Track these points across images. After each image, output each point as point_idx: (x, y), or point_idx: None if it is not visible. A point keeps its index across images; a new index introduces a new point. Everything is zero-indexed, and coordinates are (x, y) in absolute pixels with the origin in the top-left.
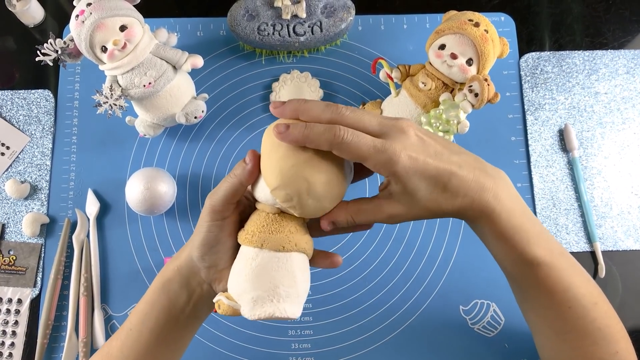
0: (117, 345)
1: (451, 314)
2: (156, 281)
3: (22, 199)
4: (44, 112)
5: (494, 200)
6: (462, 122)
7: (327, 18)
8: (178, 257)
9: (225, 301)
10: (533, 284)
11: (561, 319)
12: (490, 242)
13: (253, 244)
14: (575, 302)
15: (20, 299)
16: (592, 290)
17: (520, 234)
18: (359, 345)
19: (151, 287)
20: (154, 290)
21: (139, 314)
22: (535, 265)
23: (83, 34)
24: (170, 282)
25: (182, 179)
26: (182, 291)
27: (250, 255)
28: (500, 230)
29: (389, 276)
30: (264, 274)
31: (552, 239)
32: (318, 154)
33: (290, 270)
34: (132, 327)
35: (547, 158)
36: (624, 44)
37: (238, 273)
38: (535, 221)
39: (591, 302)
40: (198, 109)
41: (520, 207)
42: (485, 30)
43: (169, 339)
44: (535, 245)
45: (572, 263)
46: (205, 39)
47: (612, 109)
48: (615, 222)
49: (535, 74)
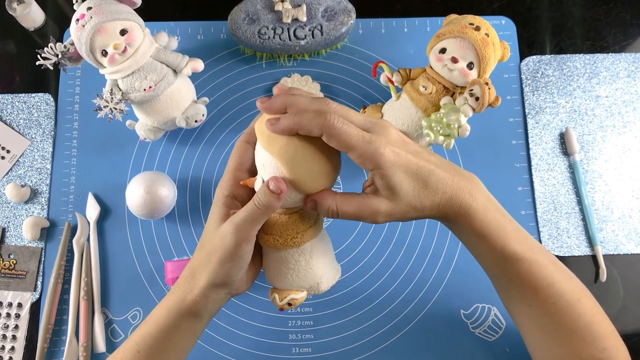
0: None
1: (452, 318)
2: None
3: (23, 203)
4: (44, 116)
5: (469, 197)
6: (463, 126)
7: (328, 22)
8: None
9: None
10: (516, 281)
11: (546, 316)
12: (470, 240)
13: (288, 247)
14: (559, 298)
15: (20, 303)
16: (575, 287)
17: (497, 230)
18: (359, 349)
19: (160, 314)
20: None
21: (150, 340)
22: (517, 261)
23: (83, 38)
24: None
25: (182, 183)
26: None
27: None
28: (479, 227)
29: (389, 280)
30: (308, 268)
31: (530, 237)
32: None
33: (324, 251)
34: (139, 350)
35: (548, 161)
36: (624, 47)
37: (284, 274)
38: (510, 219)
39: (575, 298)
40: (198, 113)
41: (494, 205)
42: (486, 34)
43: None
44: (514, 240)
45: (553, 260)
46: (206, 42)
47: (613, 112)
48: (616, 226)
49: (536, 77)
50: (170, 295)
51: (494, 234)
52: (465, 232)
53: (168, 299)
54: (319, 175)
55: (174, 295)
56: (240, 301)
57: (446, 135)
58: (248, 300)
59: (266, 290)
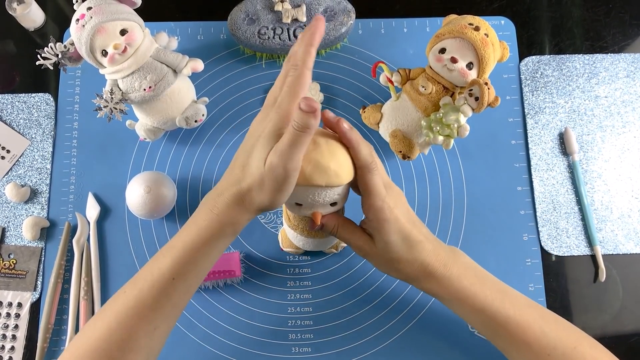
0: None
1: (451, 318)
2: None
3: (22, 203)
4: (44, 116)
5: (443, 268)
6: (462, 126)
7: (328, 22)
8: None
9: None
10: (506, 339)
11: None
12: (453, 306)
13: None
14: (553, 349)
15: (20, 303)
16: (570, 335)
17: (474, 294)
18: (358, 349)
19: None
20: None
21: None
22: (502, 319)
23: (83, 38)
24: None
25: (182, 183)
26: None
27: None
28: (454, 291)
29: (389, 280)
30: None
31: (517, 295)
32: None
33: None
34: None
35: (547, 161)
36: (624, 47)
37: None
38: (495, 281)
39: (570, 347)
40: (198, 113)
41: (474, 272)
42: (485, 34)
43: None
44: (497, 300)
45: (543, 313)
46: (206, 42)
47: (612, 112)
48: (615, 226)
49: (536, 77)
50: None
51: (471, 298)
52: (444, 299)
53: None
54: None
55: (217, 218)
56: (240, 301)
57: (445, 135)
58: (248, 300)
59: (266, 290)
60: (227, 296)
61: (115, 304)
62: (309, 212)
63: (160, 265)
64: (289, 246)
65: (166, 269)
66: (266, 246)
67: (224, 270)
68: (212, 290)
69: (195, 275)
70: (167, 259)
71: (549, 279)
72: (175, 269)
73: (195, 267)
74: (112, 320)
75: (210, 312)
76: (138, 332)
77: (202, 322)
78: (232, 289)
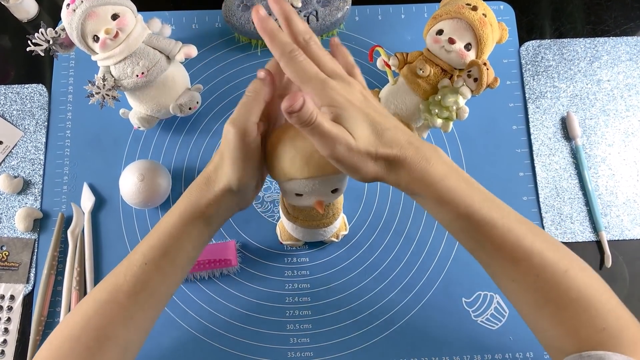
0: (128, 280)
1: (454, 307)
2: (176, 216)
3: (15, 194)
4: (37, 107)
5: (425, 162)
6: (461, 108)
7: (323, 7)
8: (203, 194)
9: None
10: (492, 253)
11: (533, 291)
12: (433, 209)
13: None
14: (542, 269)
15: (12, 295)
16: (562, 257)
17: (460, 196)
18: (359, 339)
19: (170, 222)
20: (177, 225)
21: (159, 249)
22: (488, 229)
23: (74, 22)
24: (199, 217)
25: (177, 172)
26: (208, 228)
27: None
28: (438, 194)
29: (389, 268)
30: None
31: (507, 207)
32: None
33: None
34: (147, 262)
35: (549, 146)
36: (626, 30)
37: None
38: (481, 189)
39: (561, 269)
40: (192, 100)
41: (458, 173)
42: (483, 14)
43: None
44: (482, 207)
45: (534, 229)
46: (200, 31)
47: (615, 96)
48: (621, 211)
49: (536, 62)
50: (180, 202)
51: (456, 200)
52: (427, 202)
53: (178, 206)
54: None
55: (186, 201)
56: (236, 291)
57: (444, 118)
58: (245, 290)
59: (263, 280)
60: (223, 286)
61: (96, 290)
62: (310, 202)
63: (137, 249)
64: (289, 239)
65: (139, 254)
66: (263, 235)
67: (219, 259)
68: (207, 280)
69: (169, 264)
70: (142, 244)
71: None
72: (147, 253)
73: (166, 254)
74: (89, 307)
75: (206, 303)
76: (114, 320)
77: (197, 312)
78: (228, 279)
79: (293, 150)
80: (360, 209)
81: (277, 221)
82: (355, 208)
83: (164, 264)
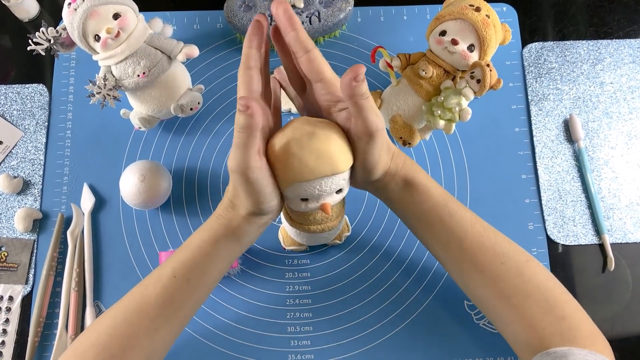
0: (157, 291)
1: (455, 309)
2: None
3: (15, 194)
4: (38, 107)
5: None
6: (464, 110)
7: (326, 8)
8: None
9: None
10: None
11: (499, 280)
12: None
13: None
14: (507, 258)
15: (11, 297)
16: (519, 250)
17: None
18: (360, 341)
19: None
20: (208, 242)
21: (190, 264)
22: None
23: (75, 21)
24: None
25: (178, 173)
26: (239, 246)
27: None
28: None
29: (390, 271)
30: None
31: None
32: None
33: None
34: (176, 275)
35: (552, 149)
36: (629, 33)
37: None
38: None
39: (522, 259)
40: (194, 101)
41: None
42: (486, 15)
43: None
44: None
45: (490, 226)
46: (202, 32)
47: (618, 98)
48: (624, 214)
49: (539, 64)
50: (212, 222)
51: (436, 193)
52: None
53: (210, 225)
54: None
55: (218, 221)
56: (236, 293)
57: (447, 120)
58: (245, 292)
59: (264, 282)
60: (224, 288)
61: (125, 299)
62: (316, 206)
63: (167, 264)
64: (292, 244)
65: (169, 267)
66: (264, 237)
67: None
68: None
69: (198, 277)
70: (174, 257)
71: (555, 268)
72: (178, 266)
73: (196, 267)
74: (118, 314)
75: (206, 304)
76: (140, 330)
77: (198, 314)
78: (228, 281)
79: (297, 152)
80: (362, 212)
81: (279, 222)
82: (356, 210)
83: (193, 278)
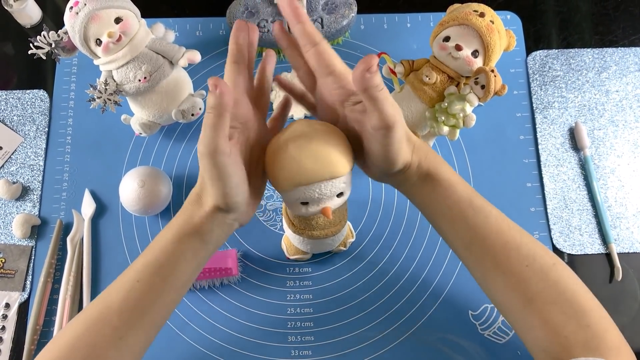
0: (120, 298)
1: (460, 320)
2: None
3: (14, 200)
4: (38, 112)
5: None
6: (468, 116)
7: (329, 14)
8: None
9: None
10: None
11: (522, 282)
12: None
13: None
14: (532, 260)
15: (8, 304)
16: (546, 252)
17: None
18: (362, 352)
19: (165, 237)
20: (171, 241)
21: (153, 267)
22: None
23: (77, 25)
24: (193, 233)
25: (178, 180)
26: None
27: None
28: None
29: (394, 280)
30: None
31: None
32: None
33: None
34: (139, 279)
35: (557, 157)
36: (634, 41)
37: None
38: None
39: (549, 262)
40: (195, 106)
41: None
42: (490, 20)
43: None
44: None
45: (517, 225)
46: (205, 38)
47: (624, 107)
48: (631, 223)
49: (544, 72)
50: (176, 219)
51: (460, 188)
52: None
53: (174, 223)
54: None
55: (180, 218)
56: (237, 301)
57: (451, 126)
58: (246, 301)
59: (265, 290)
60: (224, 296)
61: (88, 308)
62: (317, 210)
63: (131, 267)
64: (296, 253)
65: (133, 271)
66: (265, 244)
67: (220, 267)
68: (207, 289)
69: (163, 282)
70: (138, 259)
71: None
72: (140, 270)
73: (160, 271)
74: (80, 325)
75: (206, 313)
76: (103, 340)
77: (197, 323)
78: (228, 289)
79: (296, 155)
80: (364, 220)
81: (280, 230)
82: (359, 218)
83: (157, 282)
